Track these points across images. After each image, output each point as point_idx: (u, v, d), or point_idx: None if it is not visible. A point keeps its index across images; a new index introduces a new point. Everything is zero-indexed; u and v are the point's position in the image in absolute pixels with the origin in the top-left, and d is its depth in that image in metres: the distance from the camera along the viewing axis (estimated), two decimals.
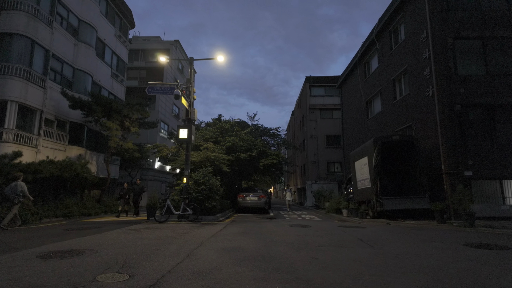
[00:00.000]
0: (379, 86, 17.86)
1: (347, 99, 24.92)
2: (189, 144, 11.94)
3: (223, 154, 14.32)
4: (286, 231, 8.51)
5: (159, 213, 11.02)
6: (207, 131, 17.40)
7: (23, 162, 11.95)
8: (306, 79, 32.57)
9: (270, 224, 10.65)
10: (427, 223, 10.69)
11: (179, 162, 14.51)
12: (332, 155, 30.20)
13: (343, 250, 5.74)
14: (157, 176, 27.92)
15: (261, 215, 15.07)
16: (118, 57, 21.28)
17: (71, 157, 15.00)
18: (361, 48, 20.49)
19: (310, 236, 7.42)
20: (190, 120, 11.85)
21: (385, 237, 7.50)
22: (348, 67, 24.33)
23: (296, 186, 39.59)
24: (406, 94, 14.73)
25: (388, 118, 16.63)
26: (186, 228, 9.07)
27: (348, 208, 14.93)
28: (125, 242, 6.42)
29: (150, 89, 11.92)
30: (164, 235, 7.51)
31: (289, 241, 6.68)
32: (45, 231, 8.56)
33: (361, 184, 13.43)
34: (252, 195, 16.46)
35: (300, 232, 8.30)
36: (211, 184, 11.53)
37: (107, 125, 14.89)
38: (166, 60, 12.07)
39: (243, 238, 7.07)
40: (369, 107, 19.83)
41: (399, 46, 15.42)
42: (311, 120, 30.87)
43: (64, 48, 15.48)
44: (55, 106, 14.87)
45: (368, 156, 12.50)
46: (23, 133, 13.00)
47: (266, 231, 8.48)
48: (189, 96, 11.81)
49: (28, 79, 13.19)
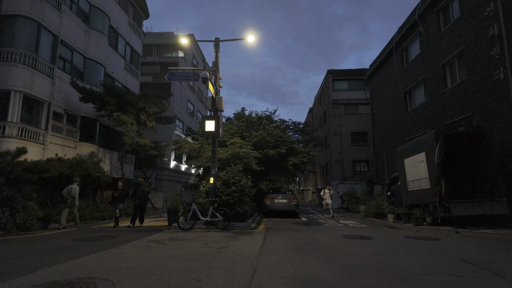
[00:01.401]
0: (423, 74, 15.81)
1: (378, 92, 22.85)
2: (216, 139, 10.25)
3: (253, 151, 12.55)
4: (349, 246, 6.69)
5: (183, 218, 9.37)
6: (231, 125, 15.65)
7: (29, 160, 10.51)
8: (328, 73, 30.60)
9: (318, 234, 8.85)
10: (508, 232, 8.70)
11: (203, 160, 12.83)
12: (357, 153, 28.14)
13: (464, 283, 3.91)
14: (173, 176, 26.46)
15: (292, 220, 13.28)
16: (132, 48, 19.84)
17: (82, 155, 13.55)
18: (397, 34, 18.44)
19: (390, 256, 5.59)
20: (216, 110, 10.16)
21: (488, 255, 5.60)
22: (378, 58, 22.28)
23: (315, 186, 37.58)
24: (462, 80, 12.68)
25: (435, 109, 14.58)
26: (219, 239, 7.37)
27: (394, 212, 13.00)
28: (149, 264, 4.74)
29: (171, 75, 10.30)
30: (197, 251, 5.81)
31: (371, 265, 4.88)
32: (49, 242, 7.00)
33: (414, 185, 11.47)
34: (281, 197, 14.67)
35: (369, 247, 6.47)
36: (243, 185, 9.81)
37: (121, 119, 13.34)
38: (187, 43, 10.40)
39: (305, 258, 5.30)
40: (408, 99, 17.77)
41: (452, 26, 13.37)
42: (334, 116, 28.87)
43: (74, 34, 14.05)
44: (64, 99, 13.44)
45: (426, 152, 10.55)
46: (28, 128, 11.57)
47: (322, 245, 6.69)
48: (215, 83, 10.12)
49: (34, 66, 11.76)
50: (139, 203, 10.29)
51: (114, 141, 17.19)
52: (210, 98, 10.25)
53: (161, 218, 13.82)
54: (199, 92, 35.92)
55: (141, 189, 10.35)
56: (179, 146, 15.26)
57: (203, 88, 38.46)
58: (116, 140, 17.30)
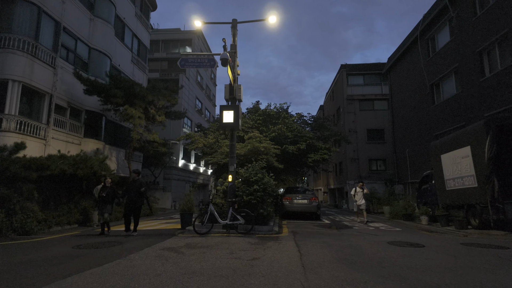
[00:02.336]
0: (453, 63, 14.52)
1: (398, 86, 21.54)
2: (235, 131, 9.14)
3: (273, 146, 11.38)
4: (407, 256, 5.52)
5: (199, 221, 8.27)
6: (247, 119, 14.48)
7: (29, 156, 9.52)
8: (341, 67, 29.30)
9: (356, 240, 7.68)
10: None
11: (219, 156, 11.70)
12: (373, 151, 26.81)
13: None
14: (181, 175, 25.45)
15: (315, 223, 12.10)
16: (139, 41, 18.85)
17: (87, 152, 12.55)
18: (422, 22, 17.16)
19: (472, 272, 4.42)
20: (235, 99, 9.04)
21: None
22: (398, 50, 21.00)
23: (327, 186, 36.29)
24: (505, 67, 11.39)
25: (470, 101, 13.29)
26: (245, 246, 6.25)
27: (428, 214, 11.76)
28: (168, 283, 3.64)
29: (183, 61, 9.23)
30: (224, 264, 4.70)
31: (454, 284, 3.70)
32: (46, 250, 5.95)
33: (455, 183, 10.22)
34: (300, 197, 13.48)
35: (433, 259, 5.31)
36: (266, 184, 8.67)
37: (128, 113, 12.29)
38: (201, 25, 9.33)
39: (366, 276, 4.15)
40: (435, 91, 16.46)
41: (491, 8, 12.08)
42: (349, 113, 27.57)
43: (78, 22, 13.07)
44: (67, 91, 12.46)
45: (472, 146, 9.31)
46: (28, 121, 10.60)
47: (374, 256, 5.53)
48: (234, 69, 9.01)
49: (34, 54, 10.78)
50: (133, 206, 7.84)
51: (121, 137, 16.21)
52: (227, 87, 9.14)
53: (171, 220, 12.78)
54: (207, 90, 34.92)
55: (135, 188, 7.92)
56: (191, 141, 14.13)
57: (211, 85, 37.44)
58: (123, 137, 16.32)
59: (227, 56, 7.42)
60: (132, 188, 7.95)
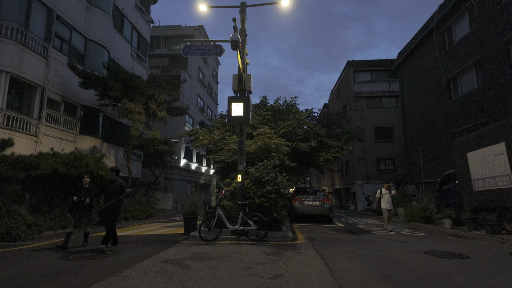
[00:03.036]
0: (474, 55, 13.59)
1: (409, 82, 20.61)
2: (244, 126, 8.23)
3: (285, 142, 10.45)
4: (459, 273, 4.62)
5: (205, 226, 7.37)
6: (255, 115, 13.53)
7: (17, 153, 8.64)
8: (348, 63, 28.39)
9: (384, 248, 6.77)
10: None
11: (226, 153, 10.80)
12: (382, 150, 25.91)
13: None
14: (183, 175, 24.56)
15: (329, 226, 11.20)
16: (139, 34, 17.96)
17: (83, 150, 11.67)
18: (438, 13, 16.23)
19: None
20: (244, 90, 8.13)
21: None
22: (409, 45, 20.07)
23: (332, 186, 35.35)
24: None
25: (495, 94, 12.36)
26: (261, 258, 5.34)
27: (451, 217, 10.85)
28: None
29: (187, 48, 8.32)
30: (240, 285, 3.79)
31: None
32: (29, 262, 5.05)
33: (485, 183, 9.30)
34: (311, 199, 12.56)
35: (490, 276, 4.40)
36: (279, 184, 7.77)
37: (127, 107, 11.37)
38: (206, 9, 8.43)
39: None
40: (452, 86, 15.53)
41: None
42: (356, 110, 26.67)
43: (73, 10, 12.18)
44: (61, 84, 11.57)
45: (508, 142, 8.39)
46: (17, 115, 9.70)
47: (421, 273, 4.63)
48: (243, 57, 8.10)
49: (24, 43, 9.88)
50: (108, 212, 6.05)
51: (120, 135, 15.32)
52: (235, 76, 8.23)
53: (173, 223, 11.88)
54: (209, 87, 34.04)
55: (113, 189, 6.16)
56: (195, 138, 13.21)
57: (213, 83, 36.56)
58: (122, 134, 15.43)
59: (238, 38, 6.53)
60: (109, 190, 6.20)
